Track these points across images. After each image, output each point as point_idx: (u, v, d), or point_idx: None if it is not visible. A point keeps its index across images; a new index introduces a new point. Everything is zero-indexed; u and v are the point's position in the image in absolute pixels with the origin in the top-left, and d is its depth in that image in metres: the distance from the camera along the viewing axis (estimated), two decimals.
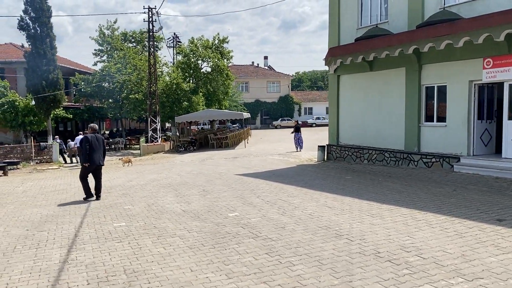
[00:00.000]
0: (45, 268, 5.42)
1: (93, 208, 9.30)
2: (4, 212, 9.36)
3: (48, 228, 7.59)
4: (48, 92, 24.60)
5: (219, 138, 28.06)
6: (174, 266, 5.28)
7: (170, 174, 15.08)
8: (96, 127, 11.00)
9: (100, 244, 6.39)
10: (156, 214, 8.36)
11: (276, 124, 56.53)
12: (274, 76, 61.74)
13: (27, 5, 24.53)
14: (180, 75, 32.46)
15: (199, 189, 11.23)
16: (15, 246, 6.45)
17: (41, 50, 24.46)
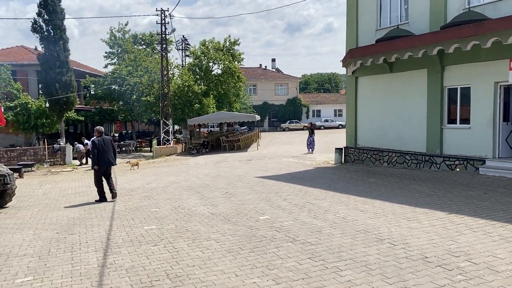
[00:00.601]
0: (85, 272, 5.32)
1: (119, 210, 9.20)
2: (29, 214, 9.30)
3: (78, 231, 7.50)
4: (61, 94, 24.61)
5: (231, 141, 27.96)
6: (217, 271, 5.16)
7: (188, 176, 14.98)
8: (102, 129, 11.02)
9: (135, 247, 6.28)
10: (184, 216, 8.25)
11: (284, 126, 56.33)
12: (282, 78, 61.61)
13: (41, 8, 24.60)
14: (191, 77, 32.42)
15: (221, 191, 11.12)
16: (49, 250, 6.35)
17: (54, 53, 24.51)
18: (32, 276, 5.24)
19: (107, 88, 32.51)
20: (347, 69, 16.36)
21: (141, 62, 33.31)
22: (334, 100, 62.86)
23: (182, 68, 35.39)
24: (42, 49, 25.03)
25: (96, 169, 10.43)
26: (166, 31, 26.90)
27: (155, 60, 33.96)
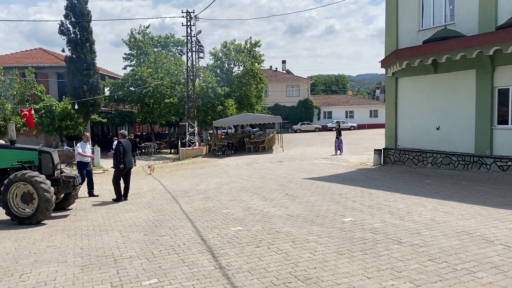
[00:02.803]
0: (207, 274, 5.27)
1: (190, 212, 9.15)
2: (100, 216, 9.26)
3: (165, 232, 7.45)
4: (88, 96, 24.58)
5: (256, 142, 27.90)
6: (343, 273, 5.11)
7: (232, 178, 14.92)
8: (125, 133, 12.02)
9: (239, 249, 6.23)
10: (263, 218, 8.20)
11: (296, 128, 56.30)
12: (293, 80, 61.59)
13: (68, 10, 24.57)
14: (214, 79, 32.41)
15: (280, 193, 11.07)
16: (152, 252, 6.30)
17: (81, 55, 24.47)
18: (156, 278, 5.19)
19: (127, 90, 32.45)
20: (387, 70, 16.31)
21: (161, 64, 33.28)
22: (345, 102, 62.78)
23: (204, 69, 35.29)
24: (69, 51, 24.96)
25: (121, 169, 11.05)
26: (191, 33, 26.91)
27: (178, 62, 33.97)
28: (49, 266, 5.86)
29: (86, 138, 12.62)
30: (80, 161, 12.11)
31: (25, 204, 8.72)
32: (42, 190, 8.53)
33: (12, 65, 30.42)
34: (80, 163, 12.10)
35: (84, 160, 12.15)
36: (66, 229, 8.18)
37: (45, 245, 7.00)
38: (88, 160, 12.29)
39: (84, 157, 12.11)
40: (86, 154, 12.18)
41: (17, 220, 8.67)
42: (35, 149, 9.43)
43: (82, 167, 12.03)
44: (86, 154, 12.16)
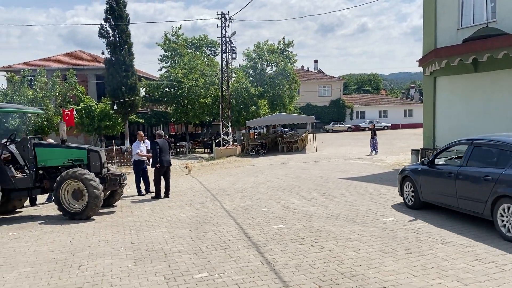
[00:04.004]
0: (255, 269, 5.46)
1: (231, 210, 9.39)
2: (145, 213, 9.62)
3: (210, 229, 7.71)
4: (127, 97, 25.34)
5: (289, 142, 27.99)
6: (389, 271, 5.19)
7: (268, 177, 15.10)
8: (162, 133, 12.31)
9: (283, 246, 6.40)
10: (303, 217, 8.34)
11: (328, 128, 55.95)
12: (324, 79, 61.23)
13: (107, 14, 25.41)
14: (247, 79, 32.74)
15: (318, 192, 11.16)
16: (199, 247, 6.56)
17: (120, 57, 25.25)
18: (206, 272, 5.42)
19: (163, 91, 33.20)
20: (425, 69, 16.08)
21: (195, 65, 33.87)
22: (379, 101, 61.89)
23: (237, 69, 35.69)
24: (108, 54, 25.81)
25: (158, 168, 11.35)
26: (225, 34, 27.30)
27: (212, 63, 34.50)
28: (104, 259, 6.20)
29: (140, 137, 12.78)
30: (138, 159, 12.48)
31: (76, 200, 9.19)
32: (91, 187, 8.97)
33: (54, 67, 31.76)
34: (137, 162, 12.47)
35: (141, 159, 12.53)
36: (114, 224, 8.57)
37: (97, 239, 7.38)
38: (144, 159, 12.64)
39: (141, 156, 12.48)
40: (143, 153, 12.53)
41: (68, 215, 9.15)
42: (84, 148, 9.91)
43: (139, 166, 12.42)
44: (143, 154, 12.52)
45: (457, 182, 7.31)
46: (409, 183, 8.82)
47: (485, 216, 6.70)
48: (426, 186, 8.27)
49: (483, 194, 6.65)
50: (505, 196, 6.24)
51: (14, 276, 5.67)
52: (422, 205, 8.47)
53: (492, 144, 7.11)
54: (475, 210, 6.92)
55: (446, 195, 7.64)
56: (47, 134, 25.67)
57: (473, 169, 7.08)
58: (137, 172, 12.40)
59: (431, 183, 8.14)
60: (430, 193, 8.16)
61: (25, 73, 26.20)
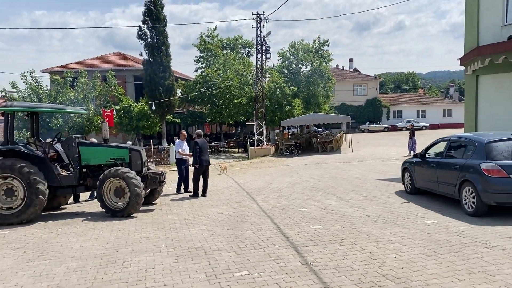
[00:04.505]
0: (295, 269, 5.47)
1: (268, 209, 9.42)
2: (184, 211, 9.80)
3: (248, 228, 7.77)
4: (164, 98, 25.87)
5: (324, 142, 27.77)
6: (433, 274, 5.08)
7: (303, 177, 15.05)
8: (201, 132, 12.56)
9: (322, 247, 6.37)
10: (341, 218, 8.26)
11: (364, 128, 55.11)
12: (360, 78, 60.33)
13: (145, 16, 26.05)
14: (282, 79, 32.74)
15: (355, 193, 11.03)
16: (239, 245, 6.62)
17: (158, 58, 25.82)
18: (246, 270, 5.48)
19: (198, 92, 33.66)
20: (467, 68, 15.56)
21: (229, 66, 34.15)
22: (417, 100, 60.36)
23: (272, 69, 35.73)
24: (146, 55, 26.44)
25: (197, 167, 11.58)
26: (260, 34, 27.38)
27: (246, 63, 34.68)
28: (146, 255, 6.37)
29: (183, 136, 13.10)
30: (180, 158, 12.77)
31: (118, 198, 9.47)
32: (133, 185, 9.23)
33: (94, 68, 32.77)
34: (180, 160, 12.76)
35: (183, 158, 12.82)
36: (155, 222, 8.78)
37: (139, 236, 7.59)
38: (186, 158, 12.92)
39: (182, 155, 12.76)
40: (185, 153, 12.80)
41: (110, 213, 9.45)
42: (126, 147, 10.21)
43: (181, 164, 12.71)
44: (185, 153, 12.79)
45: (437, 171, 9.20)
46: (407, 173, 10.74)
47: (455, 197, 8.51)
48: (418, 175, 10.14)
49: (453, 179, 8.47)
50: (467, 181, 8.06)
51: (62, 269, 5.91)
52: (417, 191, 10.31)
53: (461, 140, 9.07)
54: (449, 193, 8.72)
55: (431, 181, 9.49)
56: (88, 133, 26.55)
57: (448, 159, 9.00)
58: (180, 171, 12.65)
59: (421, 172, 9.98)
60: (421, 180, 10.01)
61: (67, 75, 27.15)
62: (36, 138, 10.51)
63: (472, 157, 8.16)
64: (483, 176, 7.67)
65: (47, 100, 25.78)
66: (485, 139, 8.19)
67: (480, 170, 7.74)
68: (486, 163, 7.75)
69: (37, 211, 9.30)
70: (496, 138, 8.23)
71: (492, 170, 7.62)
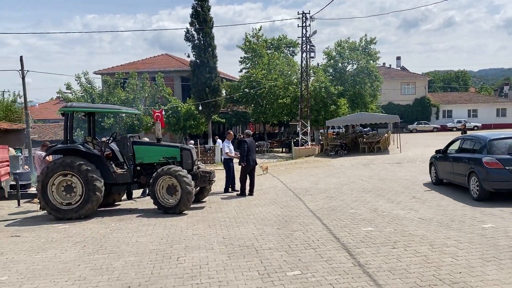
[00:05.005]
0: (347, 270, 5.44)
1: (316, 210, 9.39)
2: (233, 210, 9.96)
3: (297, 228, 7.79)
4: (210, 98, 26.33)
5: (371, 142, 27.25)
6: (493, 280, 4.89)
7: (350, 178, 14.86)
8: (250, 132, 12.63)
9: (374, 249, 6.28)
10: (392, 220, 8.11)
11: (412, 128, 53.41)
12: (408, 77, 58.60)
13: (193, 18, 26.63)
14: (328, 78, 32.43)
15: (406, 195, 10.77)
16: (289, 245, 6.66)
17: (204, 59, 26.33)
18: (299, 270, 5.51)
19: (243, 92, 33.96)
20: None
21: (274, 66, 34.21)
22: (468, 100, 57.87)
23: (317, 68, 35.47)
24: (193, 56, 27.02)
25: (244, 166, 11.68)
26: (306, 33, 27.26)
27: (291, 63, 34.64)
28: (199, 252, 6.54)
29: (230, 137, 13.37)
30: (227, 158, 12.96)
31: (170, 195, 9.76)
32: (184, 183, 9.49)
33: (143, 70, 33.87)
34: (227, 160, 12.94)
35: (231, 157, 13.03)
36: (205, 219, 8.99)
37: (191, 233, 7.80)
38: (233, 158, 13.12)
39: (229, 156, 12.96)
40: (232, 154, 13.00)
41: (163, 209, 9.76)
42: (178, 147, 10.51)
43: (229, 163, 12.92)
44: (232, 155, 12.98)
45: (453, 164, 10.90)
46: (433, 167, 12.42)
47: (465, 185, 10.12)
48: (440, 168, 11.81)
49: (464, 171, 10.14)
50: (473, 172, 9.66)
51: (121, 263, 6.18)
52: (440, 182, 11.93)
53: (471, 138, 10.85)
54: (462, 182, 10.37)
55: (449, 173, 11.16)
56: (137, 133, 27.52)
57: (461, 155, 10.76)
58: (228, 171, 12.82)
59: (443, 165, 11.65)
60: (443, 172, 11.66)
61: (119, 76, 28.24)
62: (93, 137, 11.03)
63: (477, 152, 9.90)
64: (484, 167, 9.25)
65: (99, 101, 26.96)
66: (488, 137, 9.89)
67: (482, 163, 9.34)
68: (486, 157, 9.38)
69: (94, 207, 9.77)
70: (497, 136, 9.93)
71: (491, 163, 9.21)
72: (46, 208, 9.81)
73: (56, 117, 42.45)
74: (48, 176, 9.65)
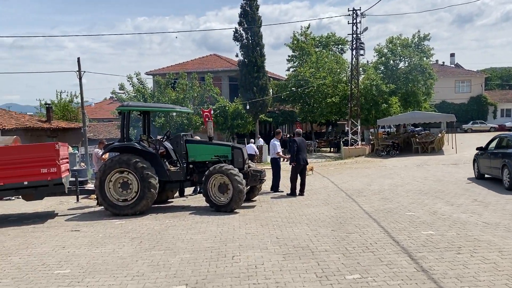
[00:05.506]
0: (410, 275, 5.18)
1: (371, 212, 9.10)
2: (284, 210, 9.84)
3: (352, 230, 7.56)
4: (258, 97, 26.34)
5: (425, 142, 26.23)
6: None
7: (404, 179, 14.34)
8: (300, 131, 12.55)
9: (437, 254, 5.96)
10: (454, 223, 7.69)
11: (467, 127, 50.89)
12: (463, 74, 55.97)
13: (241, 18, 26.76)
14: (379, 76, 31.58)
15: (467, 198, 10.23)
16: (346, 248, 6.46)
17: (252, 58, 26.36)
18: (358, 274, 5.31)
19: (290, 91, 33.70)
20: None
21: (322, 64, 33.72)
22: None
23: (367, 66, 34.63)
24: (241, 56, 27.14)
25: (294, 166, 11.55)
26: (356, 31, 26.66)
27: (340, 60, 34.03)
28: (254, 251, 6.48)
29: (279, 136, 13.33)
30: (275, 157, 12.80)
31: (221, 194, 9.80)
32: (236, 182, 9.49)
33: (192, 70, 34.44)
34: (275, 159, 12.78)
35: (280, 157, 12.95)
36: (257, 218, 8.94)
37: (244, 232, 7.77)
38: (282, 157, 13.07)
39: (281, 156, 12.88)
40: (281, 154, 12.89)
41: (214, 207, 9.81)
42: (229, 145, 10.54)
43: (278, 162, 12.80)
44: (281, 155, 12.88)
45: (490, 159, 12.36)
46: (476, 163, 13.76)
47: (499, 177, 11.56)
48: (481, 164, 13.18)
49: (499, 165, 11.57)
50: (505, 165, 11.16)
51: (177, 260, 6.24)
52: (482, 177, 13.21)
53: (505, 136, 12.38)
54: (496, 174, 11.85)
55: (488, 167, 12.63)
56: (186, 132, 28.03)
57: (497, 151, 12.24)
58: (276, 170, 12.72)
59: (483, 161, 13.06)
60: (483, 167, 13.06)
61: (169, 76, 28.89)
62: (148, 135, 11.29)
63: (510, 148, 11.50)
64: None
65: (151, 100, 27.70)
66: None
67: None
68: None
69: (148, 203, 9.98)
70: None
71: None
72: (103, 204, 10.14)
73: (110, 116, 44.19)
74: (105, 173, 9.96)
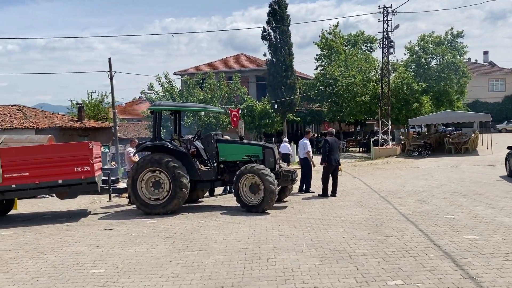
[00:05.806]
0: (457, 282, 4.92)
1: (408, 214, 8.80)
2: (317, 211, 9.65)
3: (390, 233, 7.30)
4: (286, 96, 26.13)
5: (458, 143, 25.44)
6: None
7: (439, 181, 13.88)
8: (333, 131, 12.36)
9: (483, 260, 5.66)
10: (498, 227, 7.33)
11: (501, 127, 49.12)
12: (497, 72, 54.08)
13: (270, 17, 26.60)
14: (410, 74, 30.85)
15: (508, 200, 9.85)
16: (385, 252, 6.22)
17: (281, 57, 26.18)
18: (400, 280, 5.09)
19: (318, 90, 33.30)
20: None
21: (351, 62, 33.20)
22: None
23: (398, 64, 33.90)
24: (269, 55, 26.98)
25: (325, 166, 11.36)
26: (387, 28, 26.09)
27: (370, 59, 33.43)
28: (289, 254, 6.32)
29: (309, 135, 13.11)
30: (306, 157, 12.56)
31: (253, 194, 9.68)
32: (268, 182, 9.35)
33: (220, 70, 34.53)
34: (306, 159, 12.52)
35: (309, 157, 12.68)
36: (290, 220, 8.77)
37: (277, 233, 7.62)
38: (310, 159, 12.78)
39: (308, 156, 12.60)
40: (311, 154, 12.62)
41: (245, 208, 9.70)
42: (260, 145, 10.42)
43: (308, 162, 12.52)
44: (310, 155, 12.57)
45: None
46: (507, 162, 14.22)
47: None
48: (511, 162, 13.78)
49: None
50: None
51: (211, 261, 6.15)
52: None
53: None
54: None
55: None
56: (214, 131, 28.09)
57: None
58: (307, 170, 12.46)
59: None
60: None
61: (198, 76, 29.02)
62: (179, 135, 11.29)
63: None
64: None
65: (179, 100, 27.90)
66: None
67: None
68: None
69: (180, 202, 9.97)
70: None
71: None
72: (136, 202, 10.19)
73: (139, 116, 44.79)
74: (137, 172, 10.01)
